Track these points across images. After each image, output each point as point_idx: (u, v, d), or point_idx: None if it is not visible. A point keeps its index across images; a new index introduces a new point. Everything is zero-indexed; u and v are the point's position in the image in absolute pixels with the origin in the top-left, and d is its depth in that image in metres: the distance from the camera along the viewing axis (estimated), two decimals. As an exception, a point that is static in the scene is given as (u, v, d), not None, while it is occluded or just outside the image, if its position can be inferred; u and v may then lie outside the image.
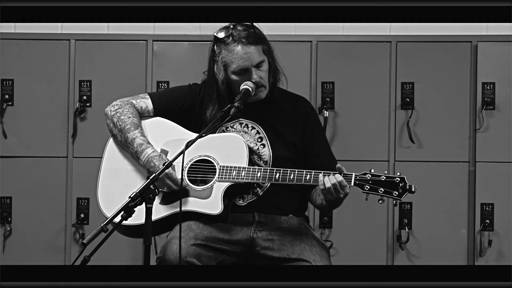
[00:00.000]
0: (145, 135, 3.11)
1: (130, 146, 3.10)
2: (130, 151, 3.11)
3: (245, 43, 3.07)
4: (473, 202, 4.04)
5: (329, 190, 2.92)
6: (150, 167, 3.04)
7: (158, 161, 3.03)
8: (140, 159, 3.07)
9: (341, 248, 4.05)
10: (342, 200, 2.98)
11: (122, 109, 3.16)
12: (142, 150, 3.07)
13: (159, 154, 3.06)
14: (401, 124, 4.07)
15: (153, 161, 3.04)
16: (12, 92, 4.12)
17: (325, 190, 2.93)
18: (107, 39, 4.16)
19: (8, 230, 4.10)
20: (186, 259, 2.91)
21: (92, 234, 2.62)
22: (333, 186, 2.92)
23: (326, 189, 2.93)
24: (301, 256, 3.00)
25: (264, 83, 3.11)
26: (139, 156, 3.07)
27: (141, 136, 3.10)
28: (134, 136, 3.10)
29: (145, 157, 3.06)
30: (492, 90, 4.04)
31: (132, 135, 3.10)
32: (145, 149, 3.07)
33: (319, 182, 2.94)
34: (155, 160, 3.04)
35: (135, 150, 3.09)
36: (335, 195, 2.93)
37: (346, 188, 2.93)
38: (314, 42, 4.10)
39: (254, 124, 3.17)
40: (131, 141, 3.10)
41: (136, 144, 3.08)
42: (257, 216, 3.10)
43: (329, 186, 2.91)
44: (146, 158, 3.05)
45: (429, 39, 4.10)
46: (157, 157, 3.05)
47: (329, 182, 2.92)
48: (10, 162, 4.11)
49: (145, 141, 3.09)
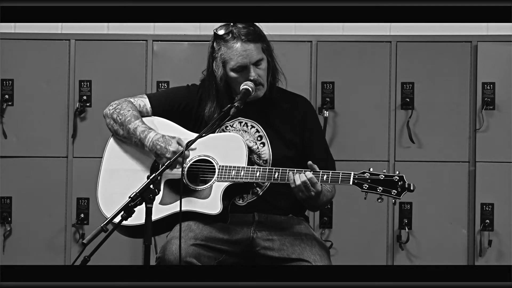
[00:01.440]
0: (146, 124, 3.11)
1: (133, 136, 3.10)
2: (134, 141, 3.10)
3: (245, 40, 3.07)
4: (473, 202, 4.04)
5: (299, 188, 2.92)
6: (156, 149, 3.04)
7: (163, 142, 3.03)
8: (145, 145, 3.07)
9: (341, 248, 4.05)
10: (316, 199, 2.97)
11: (120, 105, 3.17)
12: (145, 136, 3.07)
13: (161, 135, 3.06)
14: (401, 124, 4.07)
15: (158, 143, 3.04)
16: (12, 92, 4.12)
17: (296, 188, 2.93)
18: (107, 39, 4.16)
19: (8, 230, 4.10)
20: (186, 259, 2.91)
21: (92, 234, 2.62)
22: (303, 184, 2.91)
23: (296, 187, 2.92)
24: (301, 256, 3.00)
25: (262, 81, 3.11)
26: (143, 142, 3.07)
27: (142, 124, 3.10)
28: (135, 126, 3.10)
29: (149, 141, 3.06)
30: (492, 90, 4.04)
31: (134, 125, 3.10)
32: (147, 135, 3.07)
33: (289, 180, 2.94)
34: (160, 142, 3.04)
35: (138, 138, 3.09)
36: (306, 193, 2.92)
37: (317, 185, 2.92)
38: (314, 42, 4.10)
39: (253, 123, 3.17)
40: (133, 131, 3.10)
41: (139, 132, 3.08)
42: (257, 216, 3.10)
43: (299, 184, 2.91)
44: (151, 143, 3.05)
45: (429, 39, 4.10)
46: (161, 138, 3.05)
47: (299, 179, 2.92)
48: (10, 162, 4.11)
49: (146, 128, 3.09)
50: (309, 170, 2.93)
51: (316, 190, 2.93)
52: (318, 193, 2.95)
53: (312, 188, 2.92)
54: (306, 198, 2.95)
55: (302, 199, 2.96)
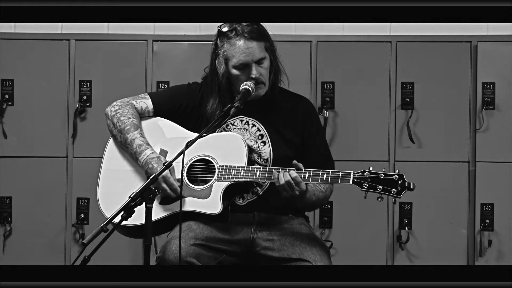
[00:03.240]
0: (145, 136, 3.11)
1: (129, 147, 3.10)
2: (130, 151, 3.11)
3: (248, 38, 3.07)
4: (473, 202, 4.04)
5: (283, 187, 2.91)
6: (148, 168, 3.04)
7: (157, 163, 3.03)
8: (139, 160, 3.07)
9: (341, 248, 4.05)
10: (301, 198, 2.97)
11: (122, 109, 3.15)
12: (141, 152, 3.07)
13: (157, 156, 3.06)
14: (401, 124, 4.07)
15: (151, 162, 3.03)
16: (12, 92, 4.12)
17: (280, 187, 2.92)
18: (107, 39, 4.16)
19: (8, 230, 4.10)
20: (186, 259, 2.91)
21: (92, 234, 2.62)
22: (287, 183, 2.91)
23: (280, 186, 2.92)
24: (302, 256, 3.00)
25: (263, 80, 3.11)
26: (137, 157, 3.07)
27: (140, 137, 3.09)
28: (133, 137, 3.09)
29: (143, 158, 3.05)
30: (492, 90, 4.04)
31: (132, 136, 3.09)
32: (144, 150, 3.06)
33: (273, 179, 2.93)
34: (153, 162, 3.03)
35: (134, 151, 3.08)
36: (290, 192, 2.92)
37: (301, 184, 2.91)
38: (314, 42, 4.10)
39: (254, 122, 3.17)
40: (130, 142, 3.09)
41: (136, 145, 3.08)
42: (257, 216, 3.10)
43: (283, 183, 2.91)
44: (145, 160, 3.05)
45: (429, 39, 4.10)
46: (155, 159, 3.05)
47: (283, 179, 2.91)
48: (10, 162, 4.11)
49: (144, 142, 3.08)
50: (293, 169, 2.93)
51: (300, 189, 2.92)
52: (303, 192, 2.94)
53: (296, 187, 2.92)
54: (290, 197, 2.95)
55: (286, 198, 2.96)
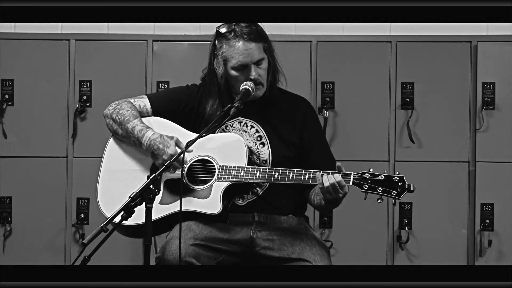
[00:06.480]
0: (144, 122, 3.11)
1: (132, 135, 3.10)
2: (132, 140, 3.10)
3: (247, 39, 3.07)
4: (473, 202, 4.04)
5: (327, 189, 2.91)
6: (154, 149, 3.04)
7: (161, 143, 3.03)
8: (143, 144, 3.06)
9: (341, 248, 4.05)
10: (341, 200, 2.97)
11: (120, 105, 3.17)
12: (142, 135, 3.07)
13: (159, 135, 3.05)
14: (401, 124, 4.07)
15: (156, 143, 3.04)
16: (12, 92, 4.12)
17: (324, 189, 2.92)
18: (107, 39, 4.16)
19: (8, 230, 4.10)
20: (185, 259, 2.91)
21: (92, 234, 2.62)
22: (331, 186, 2.91)
23: (324, 188, 2.92)
24: (301, 256, 3.00)
25: (262, 81, 3.11)
26: (140, 141, 3.07)
27: (140, 124, 3.10)
28: (134, 125, 3.10)
29: (146, 141, 3.05)
30: (492, 90, 4.04)
31: (132, 124, 3.10)
32: (145, 133, 3.07)
33: (318, 181, 2.93)
34: (157, 143, 3.04)
35: (136, 137, 3.08)
36: (333, 195, 2.92)
37: (345, 188, 2.92)
38: (314, 42, 4.10)
39: (253, 123, 3.17)
40: (131, 130, 3.10)
41: (137, 131, 3.08)
42: (257, 216, 3.10)
43: (327, 186, 2.91)
44: (148, 142, 3.05)
45: (429, 39, 4.10)
46: (159, 138, 3.05)
47: (327, 181, 2.91)
48: (10, 162, 4.11)
49: (144, 127, 3.09)
50: (337, 172, 2.92)
51: (344, 192, 2.92)
52: (345, 195, 2.94)
53: (340, 190, 2.91)
54: (334, 199, 2.94)
55: (329, 200, 2.95)
